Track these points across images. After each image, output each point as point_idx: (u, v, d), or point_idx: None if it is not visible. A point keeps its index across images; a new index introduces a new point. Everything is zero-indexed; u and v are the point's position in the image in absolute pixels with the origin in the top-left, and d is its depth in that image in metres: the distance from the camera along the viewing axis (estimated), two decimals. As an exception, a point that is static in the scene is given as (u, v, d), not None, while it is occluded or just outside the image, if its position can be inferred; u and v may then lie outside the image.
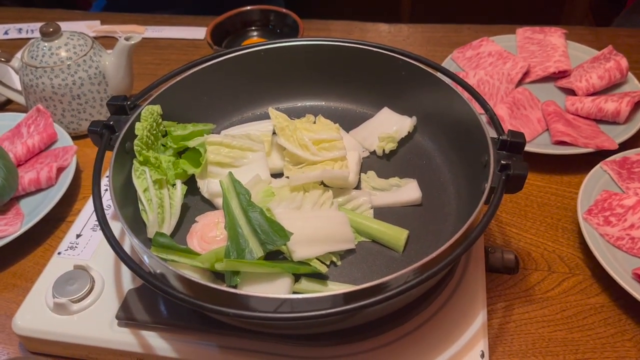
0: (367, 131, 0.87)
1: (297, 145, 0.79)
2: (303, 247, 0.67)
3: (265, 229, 0.66)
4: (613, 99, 0.98)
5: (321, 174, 0.76)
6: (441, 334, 0.68)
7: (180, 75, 0.82)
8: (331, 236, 0.70)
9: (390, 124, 0.87)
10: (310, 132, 0.81)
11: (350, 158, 0.81)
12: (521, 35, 1.21)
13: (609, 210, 0.82)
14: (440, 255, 0.57)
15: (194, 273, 0.66)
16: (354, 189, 0.79)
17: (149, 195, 0.74)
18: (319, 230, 0.69)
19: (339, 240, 0.70)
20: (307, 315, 0.53)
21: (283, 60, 0.89)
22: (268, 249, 0.65)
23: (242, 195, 0.71)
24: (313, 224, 0.70)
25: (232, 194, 0.72)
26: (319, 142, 0.80)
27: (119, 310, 0.69)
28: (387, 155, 0.85)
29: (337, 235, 0.70)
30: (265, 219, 0.67)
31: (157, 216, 0.73)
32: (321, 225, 0.70)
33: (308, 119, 0.85)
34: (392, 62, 0.85)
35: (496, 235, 0.86)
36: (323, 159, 0.79)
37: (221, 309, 0.54)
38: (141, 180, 0.74)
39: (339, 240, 0.70)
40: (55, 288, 0.71)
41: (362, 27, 1.40)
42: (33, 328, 0.70)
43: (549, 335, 0.73)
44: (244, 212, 0.69)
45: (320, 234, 0.69)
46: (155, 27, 1.41)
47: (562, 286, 0.79)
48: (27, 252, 0.87)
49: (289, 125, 0.80)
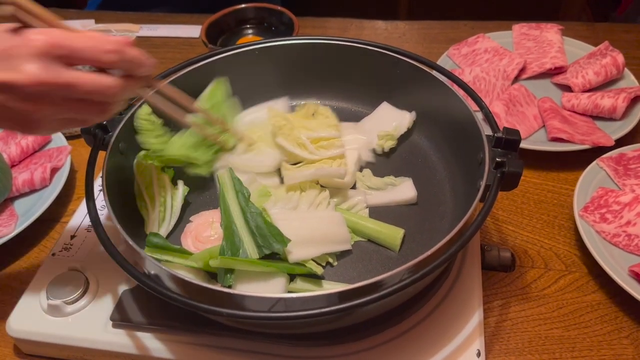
0: (365, 128, 0.87)
1: (295, 145, 0.79)
2: (299, 248, 0.67)
3: (263, 232, 0.66)
4: (609, 95, 0.98)
5: (315, 173, 0.75)
6: (437, 332, 0.67)
7: (176, 74, 0.82)
8: (328, 237, 0.69)
9: (390, 120, 0.86)
10: (308, 131, 0.80)
11: (349, 157, 0.81)
12: (517, 31, 1.20)
13: (605, 207, 0.82)
14: (435, 253, 0.57)
15: (188, 273, 0.66)
16: (350, 188, 0.79)
17: (152, 192, 0.73)
18: (316, 231, 0.69)
19: (335, 241, 0.70)
20: (301, 314, 0.53)
21: (278, 59, 0.89)
22: (264, 252, 0.65)
23: (240, 193, 0.71)
24: (309, 225, 0.70)
25: (231, 191, 0.71)
26: (317, 140, 0.80)
27: (113, 311, 0.69)
28: (384, 153, 0.85)
29: (333, 236, 0.70)
30: (264, 221, 0.67)
31: (158, 214, 0.73)
32: (318, 226, 0.70)
33: (307, 111, 0.85)
34: (387, 60, 0.84)
35: (492, 232, 0.86)
36: (321, 158, 0.79)
37: (215, 308, 0.53)
38: (145, 176, 0.74)
39: (335, 241, 0.70)
40: (50, 290, 0.71)
41: (358, 25, 1.40)
42: (27, 330, 0.69)
43: (546, 333, 0.73)
44: (242, 211, 0.69)
45: (317, 235, 0.69)
46: (149, 25, 1.40)
47: (558, 284, 0.79)
48: (21, 253, 0.87)
49: (287, 124, 0.80)
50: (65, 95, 0.53)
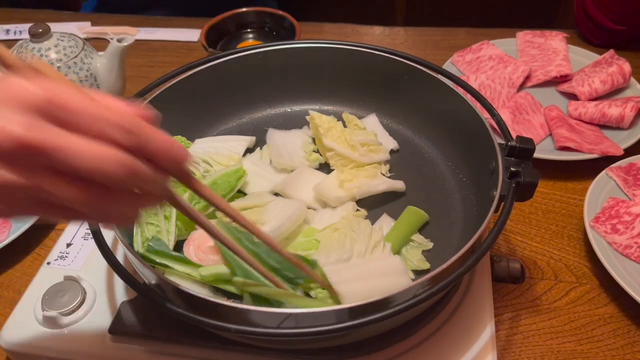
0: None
1: (346, 146, 0.77)
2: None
3: (286, 264, 0.60)
4: (617, 104, 0.97)
5: (382, 183, 0.75)
6: (448, 346, 0.65)
7: (176, 78, 0.80)
8: (388, 289, 0.58)
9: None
10: (353, 136, 0.79)
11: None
12: (521, 39, 1.19)
13: (617, 218, 0.80)
14: (451, 266, 0.55)
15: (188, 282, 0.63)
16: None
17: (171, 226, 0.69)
18: (377, 287, 0.61)
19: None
20: (312, 331, 0.51)
21: (281, 63, 0.87)
22: (299, 283, 0.60)
23: (244, 239, 0.62)
24: (370, 283, 0.61)
25: (233, 240, 0.59)
26: (364, 144, 0.79)
27: (112, 323, 0.65)
28: (387, 161, 0.82)
29: (395, 286, 0.59)
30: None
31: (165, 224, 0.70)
32: (380, 284, 0.62)
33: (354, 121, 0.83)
34: (394, 65, 0.82)
35: (500, 243, 0.84)
36: (371, 161, 0.78)
37: (222, 324, 0.51)
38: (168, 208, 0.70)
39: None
40: (45, 300, 0.68)
41: (357, 30, 1.38)
42: (21, 342, 0.66)
43: (558, 347, 0.71)
44: (253, 253, 0.60)
45: (378, 290, 0.60)
46: (147, 28, 1.38)
47: (569, 296, 0.77)
48: (14, 261, 0.84)
49: (335, 126, 0.79)
50: (49, 165, 0.36)
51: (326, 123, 0.79)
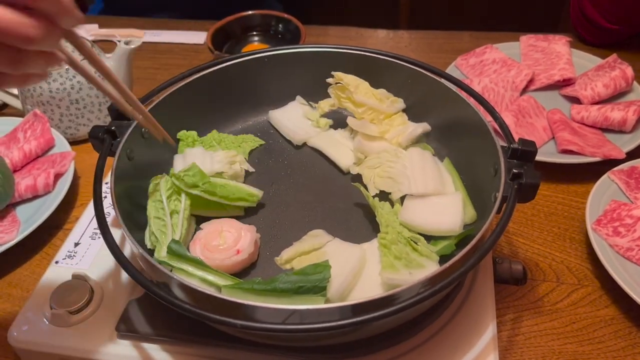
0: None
1: (375, 100, 0.82)
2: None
3: (301, 279, 0.60)
4: (619, 107, 0.97)
5: (417, 127, 0.82)
6: (451, 347, 0.66)
7: (183, 81, 0.81)
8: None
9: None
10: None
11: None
12: (525, 42, 1.20)
13: (618, 221, 0.81)
14: (453, 265, 0.56)
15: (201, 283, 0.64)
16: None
17: (177, 220, 0.71)
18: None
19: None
20: (315, 327, 0.52)
21: (287, 67, 0.88)
22: (324, 289, 0.61)
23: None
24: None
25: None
26: (387, 96, 0.85)
27: (119, 321, 0.66)
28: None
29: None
30: (293, 273, 0.62)
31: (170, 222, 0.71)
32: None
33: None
34: (398, 70, 0.83)
35: (503, 245, 0.85)
36: (396, 110, 0.84)
37: (228, 320, 0.52)
38: (175, 202, 0.72)
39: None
40: (53, 298, 0.69)
41: (361, 33, 1.39)
42: (30, 340, 0.67)
43: (559, 348, 0.72)
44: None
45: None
46: (153, 31, 1.39)
47: (571, 297, 0.78)
48: (23, 260, 0.85)
49: (362, 83, 0.84)
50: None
51: (353, 81, 0.83)
